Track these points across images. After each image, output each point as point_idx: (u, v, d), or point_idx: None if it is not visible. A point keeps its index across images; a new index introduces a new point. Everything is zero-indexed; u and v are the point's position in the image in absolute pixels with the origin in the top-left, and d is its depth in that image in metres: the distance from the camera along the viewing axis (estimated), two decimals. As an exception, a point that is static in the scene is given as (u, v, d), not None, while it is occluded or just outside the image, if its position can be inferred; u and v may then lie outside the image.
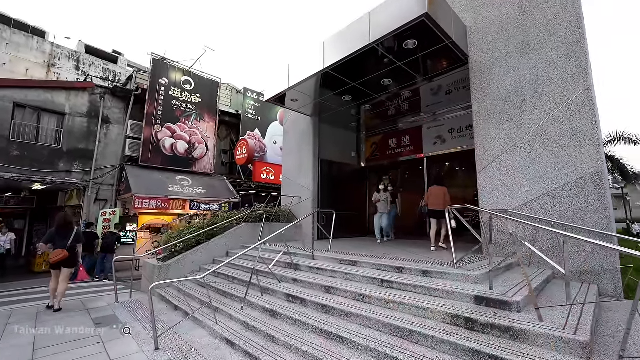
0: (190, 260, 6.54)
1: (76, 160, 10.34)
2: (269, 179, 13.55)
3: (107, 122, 11.19)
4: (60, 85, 10.24)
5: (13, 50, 18.40)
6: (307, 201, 8.78)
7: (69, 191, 11.69)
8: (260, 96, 15.50)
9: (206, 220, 7.21)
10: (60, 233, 5.43)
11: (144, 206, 10.16)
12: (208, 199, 11.85)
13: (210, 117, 13.42)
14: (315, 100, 8.17)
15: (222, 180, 13.55)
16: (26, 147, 9.38)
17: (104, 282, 8.99)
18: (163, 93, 11.96)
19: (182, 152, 12.40)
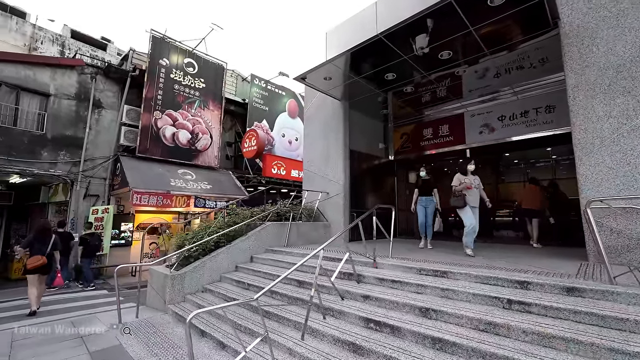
0: (210, 267, 5.31)
1: (62, 149, 8.91)
2: (280, 174, 12.33)
3: (99, 107, 9.77)
4: (44, 61, 8.79)
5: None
6: (338, 197, 7.64)
7: (53, 185, 10.19)
8: (269, 84, 14.26)
9: (226, 219, 5.97)
10: (39, 239, 5.52)
11: (142, 203, 8.81)
12: (214, 195, 10.56)
13: (215, 105, 12.10)
14: (350, 81, 7.03)
15: (228, 175, 12.25)
16: (1, 131, 7.91)
17: (92, 291, 7.62)
18: (163, 76, 10.60)
19: (185, 142, 11.06)
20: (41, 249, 5.44)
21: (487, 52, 5.78)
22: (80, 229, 9.10)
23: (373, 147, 8.89)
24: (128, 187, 8.51)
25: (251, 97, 13.50)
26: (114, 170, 9.79)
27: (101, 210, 9.16)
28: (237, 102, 13.29)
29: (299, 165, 13.38)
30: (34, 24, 18.95)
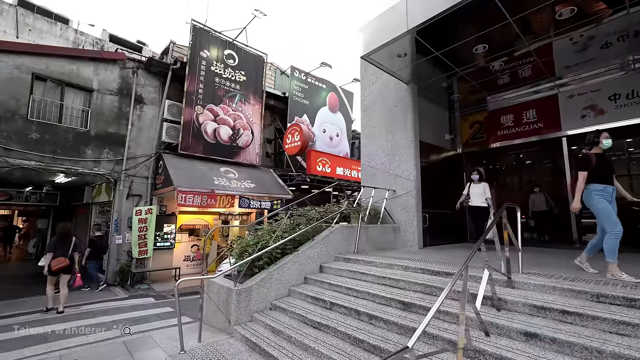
0: (277, 279, 4.43)
1: (106, 146, 8.50)
2: (325, 172, 11.42)
3: (141, 102, 9.32)
4: (87, 55, 8.43)
5: (36, 37, 17.04)
6: (407, 196, 6.57)
7: (96, 185, 9.90)
8: (309, 77, 13.41)
9: (292, 219, 5.08)
10: (61, 243, 5.98)
11: (187, 202, 8.20)
12: (258, 194, 9.81)
13: (256, 99, 11.40)
14: (428, 57, 5.94)
15: (269, 173, 11.50)
16: (47, 128, 7.58)
17: (138, 299, 7.03)
18: (204, 68, 10.02)
19: (226, 139, 10.42)
20: (63, 252, 5.90)
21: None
22: (124, 230, 8.66)
23: (439, 138, 7.73)
24: (172, 186, 7.92)
25: (291, 90, 12.71)
26: (156, 168, 9.30)
27: (144, 211, 8.67)
28: (276, 96, 12.54)
29: (343, 162, 12.42)
30: (76, 29, 19.49)
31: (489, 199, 5.52)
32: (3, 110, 6.98)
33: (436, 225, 6.78)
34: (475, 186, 5.69)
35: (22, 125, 7.21)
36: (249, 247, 4.55)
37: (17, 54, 7.26)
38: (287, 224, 4.89)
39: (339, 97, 14.75)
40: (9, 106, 7.06)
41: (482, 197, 5.52)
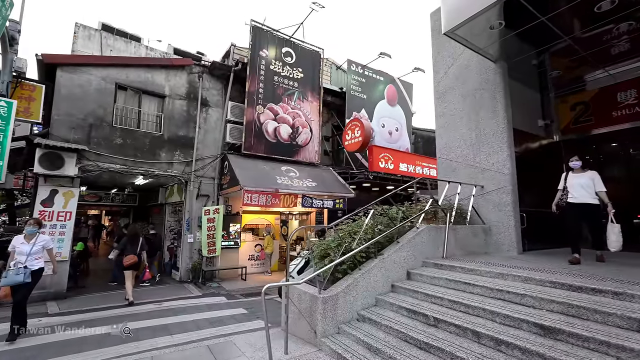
0: (363, 286, 3.95)
1: (177, 149, 8.89)
2: (388, 169, 10.72)
3: (206, 105, 9.61)
4: (159, 63, 8.93)
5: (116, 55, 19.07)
6: (500, 192, 5.64)
7: (169, 186, 10.50)
8: (366, 69, 12.79)
9: (374, 220, 4.57)
10: (131, 242, 6.79)
11: (252, 202, 8.18)
12: (320, 193, 9.50)
13: (314, 96, 11.14)
14: (528, 26, 4.98)
15: (329, 171, 11.16)
16: (128, 134, 8.12)
17: (212, 298, 7.11)
18: (264, 68, 10.01)
19: (286, 137, 10.31)
20: (133, 250, 6.66)
21: None
22: (195, 230, 8.98)
23: (533, 125, 6.60)
24: (239, 185, 7.95)
25: (348, 84, 12.22)
26: (222, 168, 9.51)
27: (212, 211, 8.89)
28: (333, 91, 12.15)
29: (407, 158, 11.58)
30: (146, 46, 21.35)
31: (603, 192, 4.32)
32: (93, 118, 7.60)
33: (535, 227, 5.73)
34: (576, 176, 4.53)
35: (109, 132, 7.80)
36: (329, 250, 4.14)
37: (103, 67, 7.88)
38: (369, 225, 4.38)
39: (398, 89, 13.87)
40: (98, 115, 7.67)
41: (589, 190, 4.34)
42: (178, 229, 10.31)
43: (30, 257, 4.51)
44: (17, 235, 4.81)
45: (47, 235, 4.88)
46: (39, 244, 4.66)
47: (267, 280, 9.30)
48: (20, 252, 4.51)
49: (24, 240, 4.63)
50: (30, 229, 4.70)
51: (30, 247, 4.56)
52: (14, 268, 4.37)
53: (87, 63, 7.68)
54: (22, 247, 4.56)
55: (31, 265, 4.50)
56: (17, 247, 4.55)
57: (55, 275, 6.78)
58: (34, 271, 4.53)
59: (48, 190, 6.95)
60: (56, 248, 6.84)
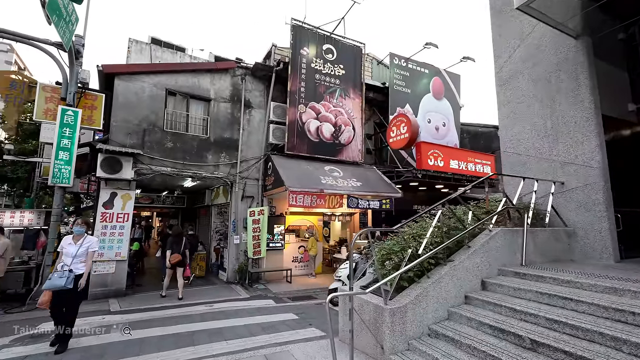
0: (434, 297, 3.49)
1: (222, 151, 9.00)
2: (438, 166, 9.97)
3: (249, 107, 9.66)
4: (205, 67, 9.14)
5: (162, 65, 20.23)
6: (587, 189, 4.83)
7: (214, 188, 10.72)
8: (409, 62, 12.12)
9: (442, 223, 4.07)
10: (176, 242, 7.24)
11: (297, 203, 7.99)
12: (365, 193, 9.07)
13: (356, 93, 10.75)
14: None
15: (373, 170, 10.69)
16: (178, 137, 8.36)
17: (259, 301, 7.00)
18: (305, 66, 9.84)
19: (328, 136, 10.03)
20: (177, 249, 7.13)
21: None
22: (241, 231, 9.01)
23: (623, 110, 5.60)
24: (284, 186, 7.80)
25: (391, 79, 11.64)
26: (265, 170, 9.47)
27: (257, 212, 8.86)
28: (375, 87, 11.65)
29: (458, 154, 10.72)
30: (190, 55, 22.45)
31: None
32: (147, 123, 7.92)
33: (634, 229, 4.82)
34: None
35: (160, 136, 8.08)
36: (393, 255, 3.73)
37: (155, 74, 8.20)
38: (437, 227, 3.89)
39: (444, 82, 12.98)
40: (150, 120, 7.99)
41: None
42: (224, 230, 10.48)
43: (76, 259, 4.21)
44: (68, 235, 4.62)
45: (95, 237, 4.57)
46: (85, 245, 4.33)
47: (312, 283, 9.07)
48: (67, 254, 4.23)
49: (72, 241, 4.34)
50: (78, 229, 4.42)
51: (77, 248, 4.25)
52: (59, 270, 4.07)
53: (140, 71, 8.04)
54: (69, 248, 4.27)
55: (76, 269, 4.17)
56: (65, 248, 4.28)
57: (115, 274, 7.16)
58: (78, 276, 4.17)
59: (108, 193, 7.33)
60: (115, 248, 7.20)
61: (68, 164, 6.68)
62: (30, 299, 6.33)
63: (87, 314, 5.71)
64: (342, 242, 11.43)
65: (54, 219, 6.72)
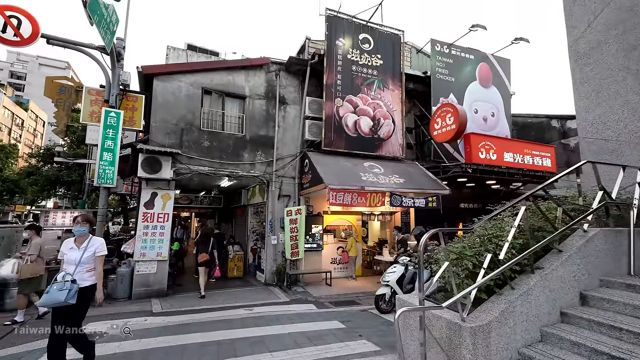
0: (521, 314, 2.82)
1: (258, 149, 8.78)
2: (490, 159, 8.99)
3: (284, 103, 9.36)
4: (239, 64, 8.97)
5: (198, 70, 20.81)
6: None
7: (250, 187, 10.57)
8: (452, 48, 11.16)
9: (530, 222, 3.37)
10: (204, 242, 7.49)
11: (337, 201, 7.51)
12: (410, 190, 8.36)
13: (395, 84, 10.06)
14: None
15: (415, 166, 9.93)
16: (214, 136, 8.26)
17: (298, 305, 6.61)
18: (341, 58, 9.34)
19: (367, 131, 9.45)
20: (205, 249, 7.35)
21: None
22: (278, 231, 8.72)
23: None
24: (323, 184, 7.36)
25: (433, 67, 10.78)
26: (302, 167, 9.11)
27: (294, 212, 8.52)
28: (415, 77, 10.86)
29: (513, 146, 9.63)
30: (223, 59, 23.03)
31: None
32: (184, 123, 7.89)
33: None
34: None
35: (197, 135, 8.01)
36: (466, 260, 3.11)
37: (191, 73, 8.17)
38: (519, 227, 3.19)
39: (492, 68, 11.82)
40: (188, 119, 7.94)
41: None
42: (260, 230, 10.29)
43: (81, 267, 3.29)
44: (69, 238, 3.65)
45: (102, 238, 3.60)
46: (90, 249, 3.38)
47: (353, 286, 8.53)
48: (69, 261, 3.31)
49: (74, 245, 3.41)
50: (79, 228, 3.43)
51: (81, 253, 3.33)
52: (59, 281, 3.12)
53: (177, 71, 8.04)
54: (71, 253, 3.34)
55: (81, 280, 3.25)
56: (66, 254, 3.35)
57: (157, 274, 7.15)
58: (83, 289, 3.24)
59: (149, 193, 7.36)
60: (157, 248, 7.19)
61: (112, 164, 6.76)
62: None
63: (130, 314, 5.67)
64: (382, 243, 10.76)
65: (99, 219, 6.84)
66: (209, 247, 7.39)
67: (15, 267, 5.22)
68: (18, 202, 31.44)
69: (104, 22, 5.94)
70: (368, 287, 8.40)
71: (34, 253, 5.44)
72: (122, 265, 7.08)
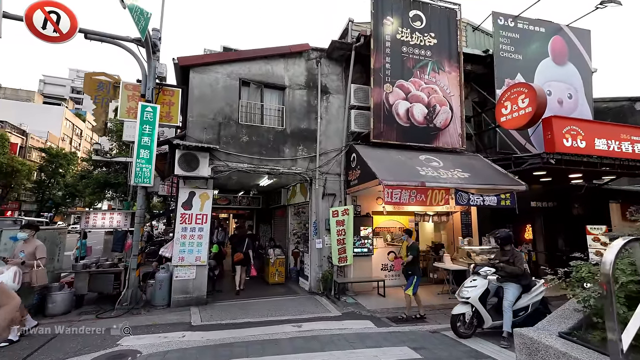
0: None
1: (299, 143, 8.01)
2: (578, 148, 7.38)
3: (326, 93, 8.51)
4: (278, 52, 8.26)
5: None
6: None
7: (290, 187, 9.85)
8: (518, 21, 9.59)
9: None
10: (239, 242, 8.22)
11: (393, 199, 6.45)
12: (478, 186, 7.07)
13: (451, 65, 8.78)
14: None
15: (478, 158, 8.57)
16: (253, 130, 7.63)
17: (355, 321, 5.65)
18: (389, 38, 8.29)
19: (421, 120, 8.28)
20: (240, 249, 7.92)
21: None
22: (323, 234, 7.86)
23: None
24: (376, 180, 6.37)
25: (496, 44, 9.30)
26: (347, 163, 8.18)
27: (341, 212, 7.61)
28: (475, 57, 9.45)
29: (606, 131, 7.89)
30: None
31: None
32: (222, 117, 7.34)
33: None
34: None
35: (235, 130, 7.42)
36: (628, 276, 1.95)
37: (228, 63, 7.63)
38: None
39: (567, 41, 10.03)
40: (225, 113, 7.39)
41: None
42: (301, 233, 9.53)
43: None
44: None
45: None
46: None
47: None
48: None
49: None
50: None
51: None
52: None
53: (214, 61, 7.52)
54: None
55: None
56: None
57: (196, 280, 6.61)
58: None
59: (187, 192, 6.87)
60: (195, 252, 6.66)
61: (148, 162, 6.34)
62: (119, 303, 6.10)
63: (168, 326, 5.11)
64: (437, 248, 9.48)
65: (137, 220, 6.46)
66: (244, 246, 7.96)
67: (17, 276, 4.42)
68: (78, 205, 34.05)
69: (137, 7, 5.50)
70: (429, 299, 7.24)
71: (43, 256, 4.81)
72: (161, 270, 6.63)
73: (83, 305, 6.38)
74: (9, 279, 4.15)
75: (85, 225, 7.02)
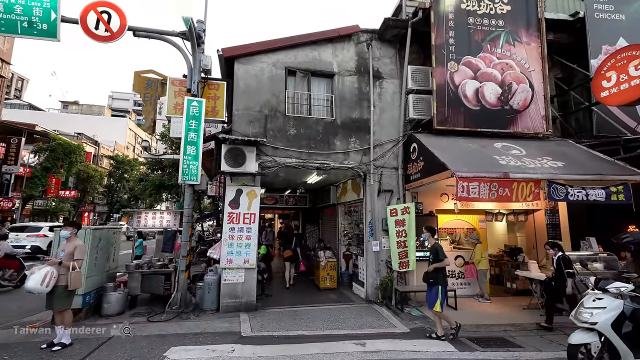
0: None
1: (351, 134, 7.24)
2: None
3: (379, 78, 7.62)
4: (325, 36, 7.56)
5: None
6: None
7: (340, 184, 9.11)
8: (618, -26, 7.77)
9: None
10: (287, 239, 9.02)
11: (471, 194, 5.36)
12: (580, 177, 5.65)
13: (530, 35, 7.35)
14: None
15: (569, 144, 7.05)
16: (300, 122, 7.04)
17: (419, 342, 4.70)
18: (453, 9, 7.16)
19: (494, 101, 7.02)
20: (289, 246, 8.64)
21: None
22: (380, 235, 6.99)
23: None
24: (447, 171, 5.35)
25: (589, 3, 7.62)
26: (406, 154, 7.20)
27: (400, 211, 6.66)
28: (559, 23, 7.87)
29: None
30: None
31: None
32: (268, 109, 6.87)
33: None
34: None
35: (282, 122, 6.90)
36: None
37: (273, 52, 7.14)
38: None
39: (687, -7, 7.90)
40: (272, 105, 6.90)
41: None
42: (353, 233, 8.74)
43: None
44: None
45: None
46: None
47: (489, 312, 6.21)
48: None
49: None
50: None
51: None
52: None
53: (259, 50, 7.04)
54: None
55: None
56: None
57: (245, 284, 6.15)
58: None
59: (234, 190, 6.48)
60: (244, 254, 6.21)
61: (195, 159, 6.05)
62: (169, 306, 5.88)
63: (216, 337, 4.66)
64: (513, 252, 8.05)
65: (185, 220, 6.20)
66: (292, 244, 8.58)
67: (47, 278, 3.96)
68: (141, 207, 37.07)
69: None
70: (509, 313, 6.05)
71: (81, 258, 4.39)
72: (209, 272, 6.31)
73: (136, 305, 6.30)
74: (36, 282, 3.85)
75: (138, 224, 6.99)
